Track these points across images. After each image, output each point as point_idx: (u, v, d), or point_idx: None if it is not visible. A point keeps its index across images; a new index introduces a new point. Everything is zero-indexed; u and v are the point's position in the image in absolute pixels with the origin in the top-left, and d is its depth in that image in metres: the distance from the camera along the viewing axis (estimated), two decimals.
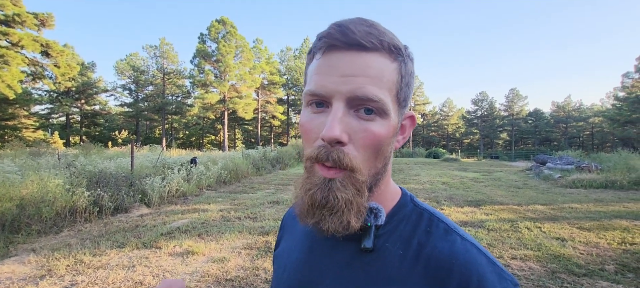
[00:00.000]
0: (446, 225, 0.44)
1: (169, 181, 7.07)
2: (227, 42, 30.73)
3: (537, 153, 21.08)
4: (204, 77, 30.75)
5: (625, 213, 5.48)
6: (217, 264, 3.23)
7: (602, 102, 47.85)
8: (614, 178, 8.61)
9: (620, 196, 7.25)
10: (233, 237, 4.11)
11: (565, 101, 48.27)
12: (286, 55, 42.07)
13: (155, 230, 4.42)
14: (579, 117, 46.68)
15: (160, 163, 9.28)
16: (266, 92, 38.64)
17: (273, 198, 6.91)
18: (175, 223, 4.86)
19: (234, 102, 31.80)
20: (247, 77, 32.02)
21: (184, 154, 15.36)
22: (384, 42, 0.39)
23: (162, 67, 35.30)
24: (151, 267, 3.13)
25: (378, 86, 0.38)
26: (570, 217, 5.23)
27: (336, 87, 0.38)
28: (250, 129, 45.88)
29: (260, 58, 36.77)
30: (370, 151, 0.40)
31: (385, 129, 0.40)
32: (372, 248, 0.42)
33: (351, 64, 0.38)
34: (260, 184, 9.47)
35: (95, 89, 33.20)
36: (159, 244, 3.78)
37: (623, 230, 4.39)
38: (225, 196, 7.42)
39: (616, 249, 3.69)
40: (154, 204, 6.24)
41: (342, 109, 0.38)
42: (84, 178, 5.88)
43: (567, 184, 9.03)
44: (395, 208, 0.46)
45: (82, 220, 4.88)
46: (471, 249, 0.40)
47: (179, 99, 37.73)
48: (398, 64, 0.40)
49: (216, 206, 6.12)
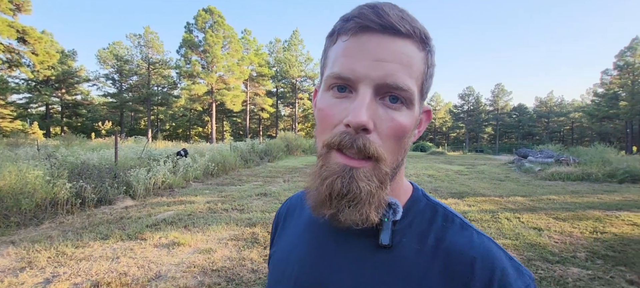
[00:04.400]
0: (461, 220, 0.43)
1: (154, 173, 6.97)
2: (215, 33, 30.13)
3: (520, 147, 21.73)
4: (190, 68, 30.11)
5: (599, 204, 5.74)
6: (203, 255, 3.23)
7: (582, 98, 49.47)
8: (590, 170, 8.98)
9: (595, 188, 7.57)
10: (220, 229, 4.11)
11: (547, 96, 49.67)
12: (275, 47, 41.60)
13: (140, 222, 4.37)
14: (560, 112, 48.18)
15: (145, 154, 9.11)
16: (255, 85, 38.22)
17: (261, 190, 6.92)
18: (161, 214, 4.82)
19: (222, 94, 31.35)
20: (235, 68, 31.56)
21: (171, 146, 15.10)
22: (416, 29, 0.37)
23: (147, 56, 34.33)
24: (136, 258, 3.11)
25: (408, 74, 0.37)
26: (548, 208, 5.45)
27: (366, 72, 0.36)
28: (238, 122, 45.41)
29: (249, 49, 36.24)
30: (393, 142, 0.38)
31: (410, 120, 0.38)
32: (390, 244, 0.40)
33: (385, 49, 0.36)
34: (248, 176, 9.43)
35: (76, 78, 32.02)
36: (144, 236, 3.75)
37: (595, 220, 4.61)
38: (212, 188, 7.37)
39: (588, 238, 3.88)
40: (139, 196, 6.15)
41: (369, 94, 0.36)
42: (66, 169, 5.73)
43: (547, 176, 9.36)
44: (409, 203, 0.45)
45: (64, 212, 4.78)
46: (489, 244, 0.40)
47: (165, 90, 36.90)
48: (425, 54, 0.39)
49: (203, 198, 6.08)
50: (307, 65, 40.71)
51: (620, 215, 4.87)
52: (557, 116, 48.18)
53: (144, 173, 6.57)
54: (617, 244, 3.63)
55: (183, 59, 31.02)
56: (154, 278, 2.74)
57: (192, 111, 40.18)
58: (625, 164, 8.89)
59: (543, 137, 46.80)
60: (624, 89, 37.01)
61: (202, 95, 31.28)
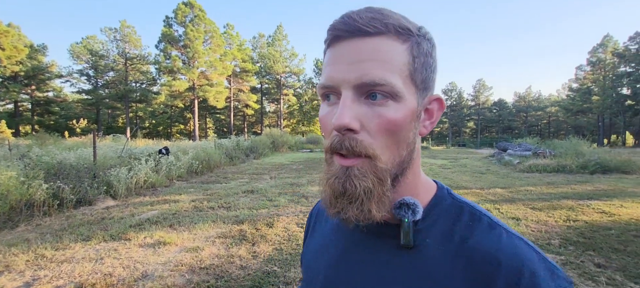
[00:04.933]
0: (490, 219, 0.41)
1: (136, 172, 6.78)
2: (196, 27, 29.42)
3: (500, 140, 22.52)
4: (170, 63, 29.32)
5: (572, 194, 6.05)
6: (190, 253, 3.20)
7: (558, 93, 51.67)
8: (564, 163, 9.42)
9: (569, 179, 7.96)
10: (206, 227, 4.07)
11: (526, 91, 51.56)
12: (259, 42, 41.08)
13: (123, 222, 4.26)
14: (537, 106, 50.15)
15: (126, 153, 8.85)
16: (238, 80, 37.66)
17: (247, 187, 6.87)
18: (145, 214, 4.71)
19: (205, 90, 30.73)
20: (217, 64, 30.97)
21: (151, 144, 14.70)
22: (389, 25, 0.37)
23: (124, 51, 33.08)
24: (121, 259, 3.05)
25: (386, 69, 0.37)
26: (525, 199, 5.69)
27: (343, 76, 0.37)
28: (222, 118, 44.69)
29: (232, 44, 35.63)
30: (387, 137, 0.38)
31: (400, 113, 0.38)
32: (412, 245, 0.40)
33: (356, 51, 0.37)
34: (234, 174, 9.34)
35: (47, 74, 30.46)
36: (128, 236, 3.66)
37: (568, 209, 4.86)
38: (197, 186, 7.26)
39: (562, 226, 4.09)
40: (121, 196, 5.98)
41: (350, 96, 0.37)
42: (41, 169, 5.50)
43: (525, 169, 9.76)
44: (433, 202, 0.44)
45: (41, 214, 4.59)
46: (519, 244, 0.38)
47: (144, 87, 35.73)
48: (409, 45, 0.39)
49: (188, 197, 5.98)
50: (291, 61, 40.45)
51: (591, 204, 5.16)
52: (534, 111, 50.13)
53: (125, 172, 6.39)
54: (588, 231, 3.85)
55: (162, 54, 30.14)
56: (140, 278, 2.70)
57: (173, 108, 39.22)
58: (596, 156, 9.38)
59: (522, 131, 48.61)
60: (596, 84, 38.89)
61: (184, 91, 30.57)
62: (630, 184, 7.05)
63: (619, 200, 5.40)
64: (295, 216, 4.53)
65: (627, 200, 5.38)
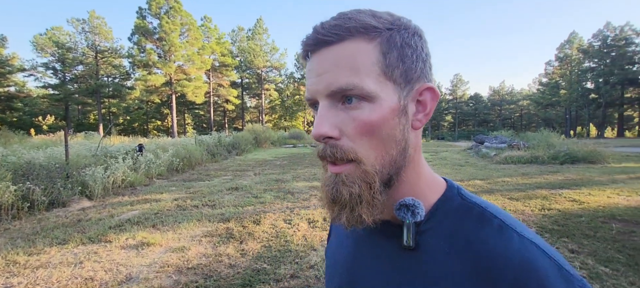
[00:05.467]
0: (501, 220, 0.39)
1: (113, 171, 6.50)
2: (171, 19, 28.39)
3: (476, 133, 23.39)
4: (145, 57, 28.19)
5: (545, 184, 6.38)
6: (176, 254, 3.11)
7: (529, 87, 54.16)
8: (537, 154, 9.90)
9: (541, 170, 8.38)
10: (191, 226, 3.97)
11: (500, 85, 53.68)
12: (238, 35, 40.24)
13: (101, 224, 4.08)
14: (511, 100, 52.38)
15: (101, 151, 8.45)
16: (218, 75, 36.80)
17: (232, 184, 6.75)
18: (125, 215, 4.53)
19: (182, 85, 29.80)
20: (195, 58, 30.07)
21: (127, 142, 14.14)
22: (351, 28, 0.37)
23: (94, 44, 31.42)
24: (102, 262, 2.92)
25: (351, 73, 0.37)
26: (503, 189, 5.95)
27: (315, 88, 0.39)
28: (201, 114, 43.59)
29: (210, 38, 34.71)
30: (368, 139, 0.37)
31: (376, 114, 0.37)
32: (413, 245, 0.40)
33: (322, 62, 0.38)
34: (217, 171, 9.15)
35: (7, 67, 28.42)
36: (109, 238, 3.51)
37: (543, 199, 5.12)
38: (179, 184, 7.06)
39: (537, 215, 4.31)
40: (97, 196, 5.72)
41: (326, 105, 0.38)
42: (8, 170, 5.15)
43: (501, 160, 10.18)
44: (439, 202, 0.42)
45: (9, 217, 4.31)
46: (530, 247, 0.35)
47: (116, 81, 34.19)
48: (380, 41, 0.38)
49: (170, 196, 5.81)
50: (272, 55, 39.95)
51: (562, 193, 5.46)
52: (508, 104, 52.34)
53: (101, 172, 6.10)
54: (561, 219, 4.07)
55: (136, 47, 28.93)
56: (124, 281, 2.60)
57: (149, 103, 37.80)
58: (566, 147, 9.92)
59: (496, 124, 50.65)
60: (564, 78, 41.03)
61: (160, 86, 29.51)
62: (596, 173, 7.52)
63: (587, 189, 5.74)
64: (282, 213, 4.51)
65: (594, 189, 5.74)
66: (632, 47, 34.17)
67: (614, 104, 36.10)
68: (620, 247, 3.09)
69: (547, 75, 44.01)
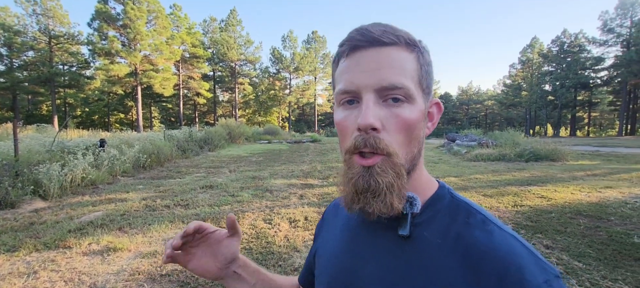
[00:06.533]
0: (484, 216, 0.44)
1: (71, 168, 5.94)
2: (137, 5, 26.70)
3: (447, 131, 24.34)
4: (107, 44, 26.28)
5: (514, 181, 6.68)
6: (147, 259, 2.85)
7: (494, 88, 57.28)
8: (504, 152, 10.41)
9: (509, 167, 8.81)
10: (163, 228, 3.68)
11: (468, 86, 56.28)
12: (210, 26, 38.76)
13: (59, 227, 3.67)
14: (477, 100, 55.10)
15: (57, 146, 7.72)
16: (188, 67, 35.24)
17: (205, 182, 6.42)
18: (86, 216, 4.13)
19: (149, 76, 28.19)
20: (164, 48, 28.54)
21: (87, 136, 13.12)
22: (400, 37, 0.43)
23: (48, 28, 28.59)
24: (61, 271, 2.59)
25: (401, 74, 0.41)
26: (477, 186, 6.15)
27: (364, 81, 0.41)
28: (169, 107, 41.61)
29: (180, 27, 33.12)
30: (403, 136, 0.42)
31: (414, 114, 0.42)
32: (409, 235, 0.43)
33: (374, 59, 0.42)
34: (188, 168, 8.70)
35: None
36: (68, 243, 3.15)
37: (514, 195, 5.34)
38: (146, 182, 6.60)
39: (511, 211, 4.48)
40: (53, 196, 5.19)
41: (372, 99, 0.41)
42: None
43: (472, 158, 10.59)
44: (433, 199, 0.47)
45: None
46: (510, 240, 0.41)
47: (74, 70, 31.48)
48: (415, 55, 0.44)
49: (137, 195, 5.40)
50: (247, 48, 38.92)
51: (531, 190, 5.73)
52: (475, 104, 55.02)
53: (57, 169, 5.54)
54: (533, 215, 4.25)
55: (97, 34, 26.88)
56: None
57: (111, 94, 35.44)
58: (530, 146, 10.52)
59: (464, 122, 53.13)
60: (525, 81, 43.72)
61: (124, 77, 27.70)
62: (558, 170, 8.03)
63: (552, 185, 6.08)
64: (261, 212, 4.33)
65: (558, 185, 6.09)
66: (584, 53, 37.11)
67: (568, 106, 39.04)
68: (589, 242, 3.26)
69: (510, 77, 46.73)
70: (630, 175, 6.94)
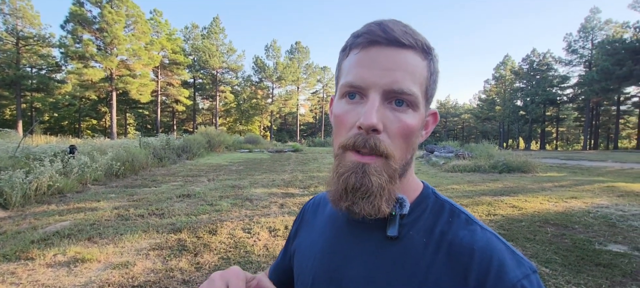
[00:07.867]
0: (467, 216, 0.46)
1: (37, 175, 5.61)
2: (115, 9, 25.98)
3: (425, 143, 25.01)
4: (81, 48, 25.30)
5: (488, 191, 6.94)
6: (119, 270, 2.72)
7: (470, 102, 59.66)
8: (479, 163, 10.80)
9: (484, 178, 9.15)
10: (136, 237, 3.53)
11: (446, 99, 58.27)
12: (192, 33, 38.23)
13: (21, 237, 3.45)
14: (454, 113, 57.08)
15: (21, 152, 7.28)
16: (167, 73, 34.45)
17: (182, 191, 6.24)
18: (52, 226, 3.90)
19: (126, 81, 27.29)
20: (142, 53, 27.81)
21: (55, 142, 12.45)
22: (418, 41, 0.42)
23: (15, 29, 27.14)
24: (21, 284, 2.42)
25: (412, 80, 0.41)
26: (453, 196, 6.33)
27: (375, 80, 0.41)
28: (146, 114, 40.34)
29: (160, 33, 32.45)
30: (402, 141, 0.42)
31: (416, 121, 0.43)
32: (397, 236, 0.44)
33: (391, 59, 0.41)
34: (165, 176, 8.43)
35: None
36: (31, 254, 2.96)
37: (488, 205, 5.54)
38: (119, 191, 6.33)
39: (485, 220, 4.63)
40: (15, 205, 4.87)
41: (378, 100, 0.41)
42: None
43: (449, 169, 10.91)
44: (419, 199, 0.48)
45: None
46: (491, 238, 0.42)
47: (43, 73, 29.95)
48: (428, 62, 0.44)
49: (108, 204, 5.17)
50: (229, 56, 38.60)
51: (503, 199, 5.97)
52: (452, 117, 56.95)
53: (21, 176, 5.22)
54: (506, 223, 4.43)
55: (71, 36, 25.82)
56: None
57: (84, 99, 33.96)
58: (503, 158, 10.99)
59: (442, 134, 54.79)
60: (499, 96, 45.85)
61: (98, 81, 26.71)
62: (529, 181, 8.41)
63: (523, 196, 6.36)
64: (241, 221, 4.25)
65: (529, 196, 6.38)
66: (552, 72, 39.51)
67: (538, 121, 41.18)
68: (556, 249, 3.42)
69: (485, 92, 48.90)
70: (593, 187, 7.37)
